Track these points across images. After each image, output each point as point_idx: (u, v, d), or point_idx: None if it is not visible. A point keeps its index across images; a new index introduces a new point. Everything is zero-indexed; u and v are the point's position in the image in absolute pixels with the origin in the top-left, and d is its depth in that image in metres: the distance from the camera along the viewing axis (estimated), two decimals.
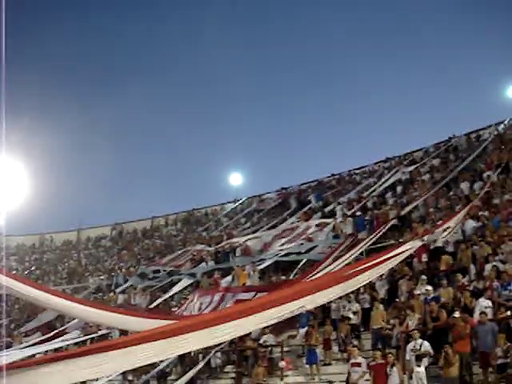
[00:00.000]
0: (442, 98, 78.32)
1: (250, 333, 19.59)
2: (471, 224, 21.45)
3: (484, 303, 15.60)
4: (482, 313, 14.86)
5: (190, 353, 20.14)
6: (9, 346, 23.46)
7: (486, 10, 72.63)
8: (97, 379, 15.05)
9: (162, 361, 19.83)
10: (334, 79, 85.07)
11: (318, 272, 18.28)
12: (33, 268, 47.89)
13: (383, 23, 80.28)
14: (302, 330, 19.54)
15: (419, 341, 14.83)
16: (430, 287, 17.55)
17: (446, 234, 20.44)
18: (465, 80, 77.23)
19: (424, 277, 18.37)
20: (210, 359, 20.23)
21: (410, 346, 14.90)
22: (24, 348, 21.55)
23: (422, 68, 79.68)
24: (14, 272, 38.36)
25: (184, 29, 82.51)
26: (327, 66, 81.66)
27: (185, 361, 20.64)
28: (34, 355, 18.67)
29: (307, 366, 18.21)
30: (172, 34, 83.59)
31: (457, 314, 15.12)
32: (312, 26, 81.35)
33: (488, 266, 17.68)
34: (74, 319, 24.11)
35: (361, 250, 21.09)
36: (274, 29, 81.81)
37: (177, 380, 19.54)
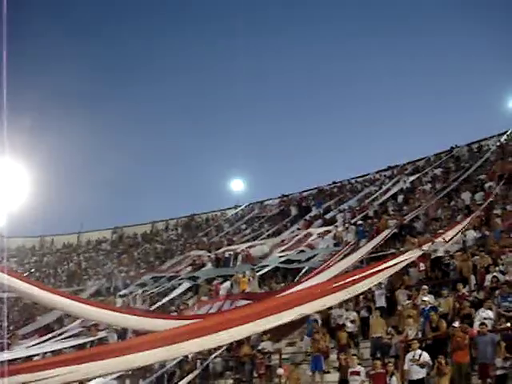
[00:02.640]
0: (444, 108, 78.26)
1: (249, 339, 19.59)
2: (472, 234, 21.45)
3: (484, 314, 15.57)
4: (482, 324, 14.81)
5: (187, 358, 20.13)
6: (7, 347, 23.44)
7: (491, 22, 72.70)
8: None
9: (161, 367, 19.86)
10: (336, 86, 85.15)
11: (314, 278, 18.27)
12: (33, 270, 47.87)
13: (387, 33, 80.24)
14: (307, 338, 19.45)
15: (418, 351, 14.76)
16: (428, 298, 17.50)
17: (447, 243, 20.43)
18: (467, 90, 77.41)
19: (425, 286, 18.34)
20: (208, 365, 20.19)
21: (410, 355, 14.81)
22: (23, 349, 21.59)
23: (425, 77, 79.67)
24: None
25: (184, 36, 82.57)
26: (329, 72, 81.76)
27: (183, 366, 20.59)
28: (31, 357, 18.74)
29: (310, 373, 18.07)
30: (172, 41, 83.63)
31: (456, 324, 15.08)
32: (315, 30, 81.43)
33: (488, 277, 17.68)
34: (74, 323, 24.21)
35: (359, 258, 21.08)
36: (275, 33, 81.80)
37: None
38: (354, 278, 11.95)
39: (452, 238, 20.56)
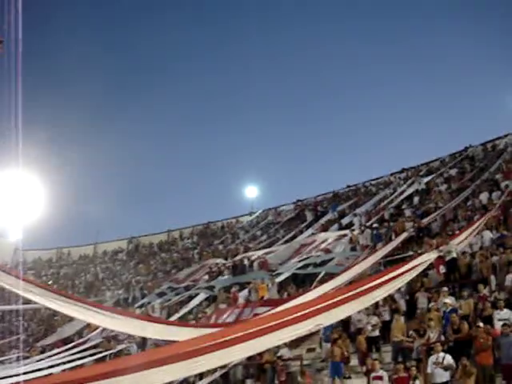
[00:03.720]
0: (456, 108, 77.97)
1: None
2: (488, 235, 21.28)
3: (498, 316, 15.52)
4: (505, 324, 14.68)
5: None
6: (26, 359, 23.49)
7: (502, 25, 72.47)
8: None
9: None
10: (349, 89, 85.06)
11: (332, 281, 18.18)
12: (50, 282, 48.05)
13: (399, 35, 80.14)
14: (327, 344, 19.30)
15: (441, 354, 14.61)
16: (449, 300, 17.36)
17: (461, 244, 20.30)
18: (480, 90, 76.95)
19: (445, 288, 18.20)
20: (228, 372, 20.08)
21: (432, 358, 14.67)
22: (40, 361, 21.62)
23: (437, 78, 79.42)
24: None
25: (197, 39, 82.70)
26: (342, 76, 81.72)
27: (203, 374, 20.49)
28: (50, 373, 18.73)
29: (330, 379, 17.91)
30: (185, 44, 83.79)
31: (481, 325, 14.94)
32: (327, 35, 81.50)
33: (509, 277, 17.53)
34: (93, 333, 24.23)
35: (377, 261, 20.98)
36: (289, 38, 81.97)
37: None
38: (372, 284, 11.88)
39: (464, 239, 20.46)
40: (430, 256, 16.81)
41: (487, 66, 72.27)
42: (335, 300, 10.90)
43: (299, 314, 10.18)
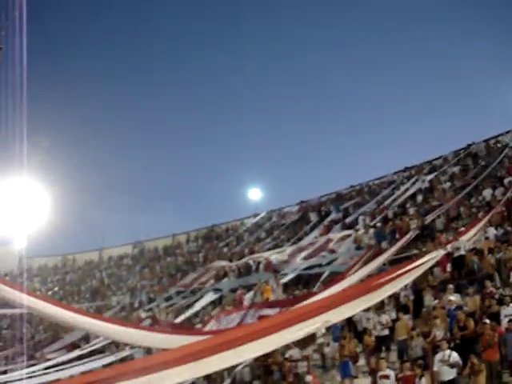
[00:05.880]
0: (459, 105, 77.77)
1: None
2: (492, 231, 21.27)
3: (505, 311, 15.49)
4: (511, 320, 14.66)
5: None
6: (32, 366, 23.55)
7: (502, 22, 72.27)
8: None
9: None
10: (351, 89, 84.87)
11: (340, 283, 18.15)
12: (56, 288, 48.18)
13: (402, 33, 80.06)
14: (334, 344, 19.29)
15: (447, 351, 14.57)
16: (454, 297, 17.33)
17: (469, 241, 20.31)
18: (481, 87, 76.76)
19: (451, 286, 18.17)
20: (235, 375, 20.11)
21: (439, 356, 14.63)
22: (48, 368, 21.65)
23: (439, 76, 79.32)
24: (38, 293, 38.59)
25: (197, 43, 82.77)
26: (342, 76, 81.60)
27: (211, 377, 20.52)
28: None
29: (339, 379, 17.88)
30: (184, 47, 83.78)
31: (487, 321, 14.92)
32: (328, 36, 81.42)
33: None
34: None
35: (383, 261, 21.00)
36: (290, 41, 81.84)
37: None
38: (379, 281, 11.87)
39: (473, 235, 20.48)
40: (439, 253, 16.82)
41: (489, 62, 72.15)
42: (342, 297, 10.92)
43: (307, 311, 10.20)
